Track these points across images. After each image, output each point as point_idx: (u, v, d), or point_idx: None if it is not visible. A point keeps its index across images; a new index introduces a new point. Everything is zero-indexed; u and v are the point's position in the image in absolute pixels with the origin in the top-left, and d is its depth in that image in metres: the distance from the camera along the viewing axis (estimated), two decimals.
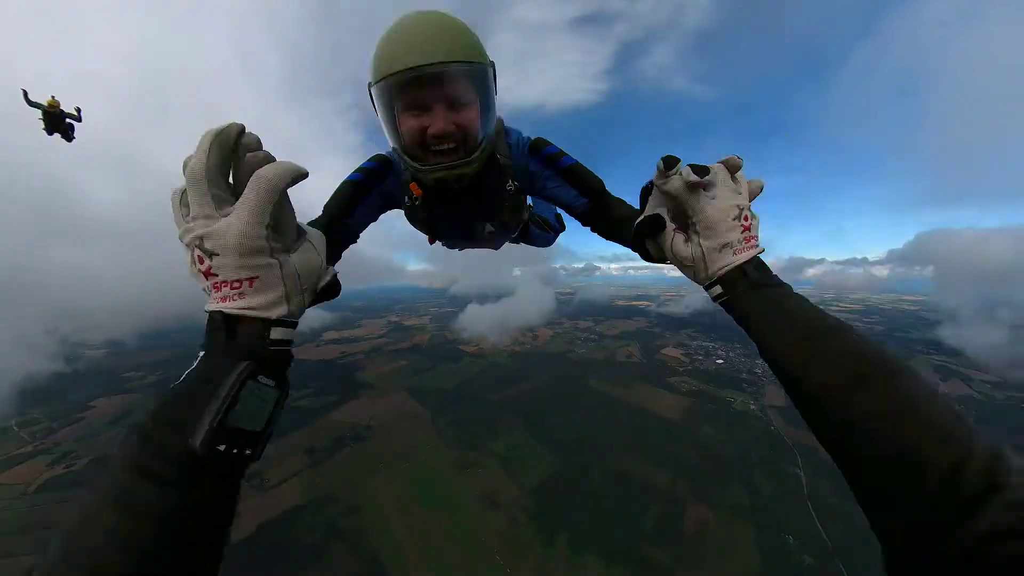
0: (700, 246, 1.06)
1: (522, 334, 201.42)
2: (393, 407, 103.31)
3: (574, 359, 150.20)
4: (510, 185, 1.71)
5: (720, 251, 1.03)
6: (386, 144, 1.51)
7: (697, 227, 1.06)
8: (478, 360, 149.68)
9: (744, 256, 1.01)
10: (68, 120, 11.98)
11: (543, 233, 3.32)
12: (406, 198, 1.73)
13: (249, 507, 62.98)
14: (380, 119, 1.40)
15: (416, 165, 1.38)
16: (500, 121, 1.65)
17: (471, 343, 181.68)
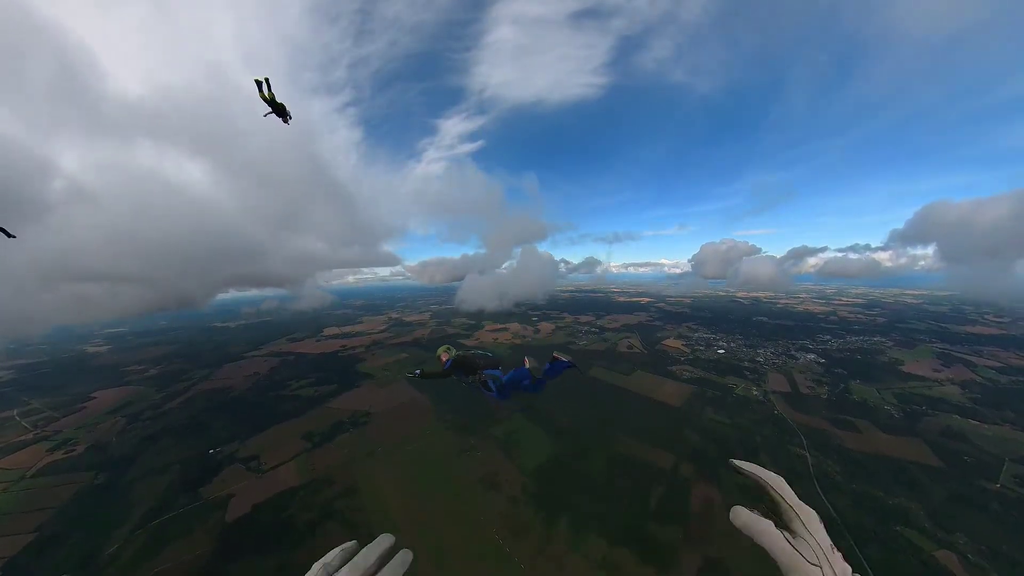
0: None
1: (523, 328, 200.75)
2: (393, 396, 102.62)
3: (575, 350, 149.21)
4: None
5: None
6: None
7: None
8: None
9: None
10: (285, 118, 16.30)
11: (535, 385, 9.85)
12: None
13: (245, 489, 62.49)
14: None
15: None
16: None
17: (472, 337, 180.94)
